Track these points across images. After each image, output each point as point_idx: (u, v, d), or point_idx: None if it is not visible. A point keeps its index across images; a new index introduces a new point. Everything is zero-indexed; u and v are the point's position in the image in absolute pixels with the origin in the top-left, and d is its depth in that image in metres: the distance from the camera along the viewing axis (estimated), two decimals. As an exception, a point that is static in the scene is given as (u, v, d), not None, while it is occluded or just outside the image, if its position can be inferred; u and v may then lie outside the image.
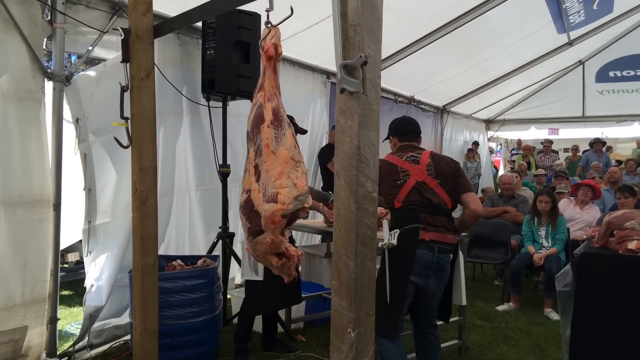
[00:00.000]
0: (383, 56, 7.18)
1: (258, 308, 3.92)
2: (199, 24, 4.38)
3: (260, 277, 3.71)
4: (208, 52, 4.29)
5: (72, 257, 5.82)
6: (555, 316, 5.02)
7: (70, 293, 5.88)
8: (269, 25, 2.16)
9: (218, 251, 4.50)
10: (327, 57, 6.22)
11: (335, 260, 1.70)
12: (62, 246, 4.25)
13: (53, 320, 3.63)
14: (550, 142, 12.80)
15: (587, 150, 11.99)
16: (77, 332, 4.11)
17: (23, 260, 3.40)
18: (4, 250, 3.29)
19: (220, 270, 4.18)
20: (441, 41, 7.50)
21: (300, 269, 4.07)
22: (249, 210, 2.21)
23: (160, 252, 4.24)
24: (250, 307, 3.90)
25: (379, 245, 2.89)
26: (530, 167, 11.76)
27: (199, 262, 4.01)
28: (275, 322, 4.25)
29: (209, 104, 4.59)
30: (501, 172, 15.75)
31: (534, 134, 14.02)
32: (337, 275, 1.70)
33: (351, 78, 1.58)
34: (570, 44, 10.21)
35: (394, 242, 3.01)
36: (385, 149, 2.65)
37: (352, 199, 1.64)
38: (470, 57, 8.85)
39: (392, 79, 8.16)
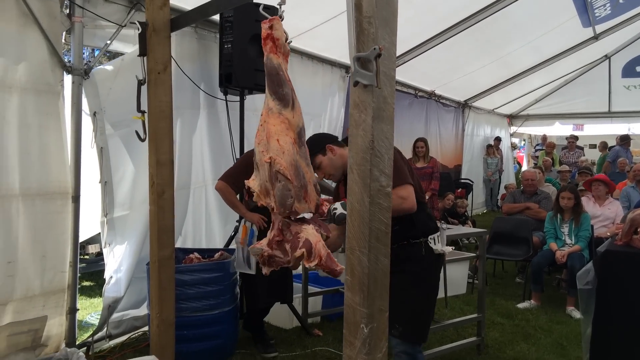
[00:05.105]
0: (402, 50, 7.18)
1: (253, 302, 4.06)
2: (217, 17, 4.37)
3: (252, 271, 3.76)
4: (225, 46, 4.28)
5: (92, 249, 5.89)
6: (577, 314, 4.93)
7: (91, 284, 5.96)
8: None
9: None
10: (345, 51, 6.05)
11: (348, 255, 1.68)
12: (83, 238, 4.30)
13: (72, 310, 3.68)
14: (575, 137, 12.56)
15: (614, 146, 11.74)
16: (97, 322, 4.16)
17: (42, 251, 3.44)
18: (22, 241, 3.33)
19: (237, 263, 4.19)
20: (462, 35, 7.37)
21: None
22: None
23: (178, 245, 4.27)
24: (248, 301, 4.11)
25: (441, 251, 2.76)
26: (554, 164, 11.57)
27: (216, 255, 4.03)
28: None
29: (226, 97, 4.60)
30: (524, 168, 15.55)
31: (558, 130, 13.79)
32: (351, 271, 1.67)
33: (365, 71, 1.55)
34: (595, 38, 9.95)
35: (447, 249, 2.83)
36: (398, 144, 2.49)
37: (366, 194, 1.61)
38: (493, 51, 8.70)
39: (412, 74, 8.07)
